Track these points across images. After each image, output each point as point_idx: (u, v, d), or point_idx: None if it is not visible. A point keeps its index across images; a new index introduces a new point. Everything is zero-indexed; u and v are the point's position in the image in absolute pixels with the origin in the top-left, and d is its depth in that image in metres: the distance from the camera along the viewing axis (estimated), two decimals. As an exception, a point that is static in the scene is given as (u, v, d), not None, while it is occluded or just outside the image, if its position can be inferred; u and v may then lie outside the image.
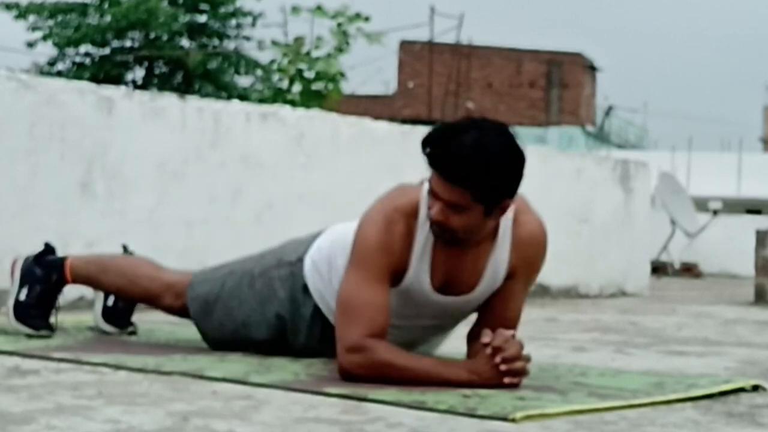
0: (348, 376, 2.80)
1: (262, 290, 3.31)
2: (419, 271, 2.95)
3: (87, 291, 3.93)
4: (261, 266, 3.35)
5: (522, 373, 2.80)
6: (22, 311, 3.59)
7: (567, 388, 2.86)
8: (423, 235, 2.93)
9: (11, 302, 3.61)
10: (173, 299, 3.48)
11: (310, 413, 2.40)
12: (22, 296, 3.60)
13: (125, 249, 3.88)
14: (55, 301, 3.64)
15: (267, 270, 3.33)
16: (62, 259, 3.65)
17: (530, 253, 3.00)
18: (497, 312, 3.03)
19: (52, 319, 3.63)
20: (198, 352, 3.36)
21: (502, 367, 2.76)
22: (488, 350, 2.78)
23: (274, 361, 3.20)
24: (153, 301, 3.55)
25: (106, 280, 3.61)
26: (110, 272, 3.61)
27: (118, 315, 3.80)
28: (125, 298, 3.69)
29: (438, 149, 2.85)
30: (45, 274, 3.61)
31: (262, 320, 3.30)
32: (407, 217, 2.93)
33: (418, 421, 2.35)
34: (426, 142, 2.88)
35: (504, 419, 2.38)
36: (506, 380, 2.76)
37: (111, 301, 3.78)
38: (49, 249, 3.68)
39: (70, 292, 4.01)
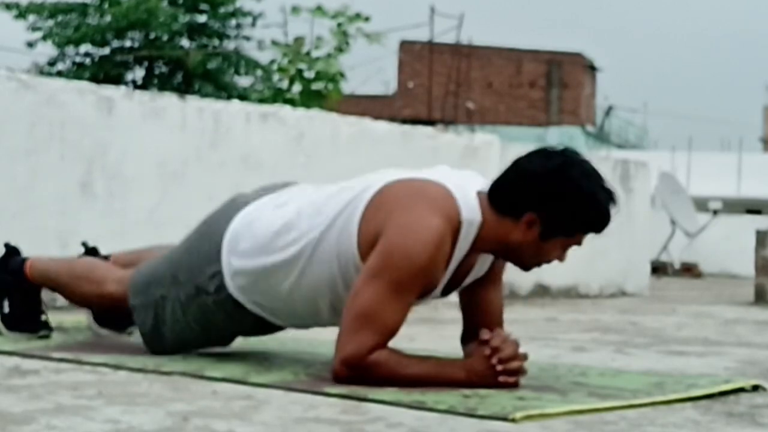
0: (341, 382, 2.76)
1: (198, 318, 3.16)
2: (443, 282, 2.92)
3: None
4: (184, 293, 3.16)
5: (518, 372, 2.80)
6: (12, 322, 3.55)
7: (567, 388, 2.86)
8: (461, 253, 2.86)
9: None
10: (116, 284, 3.34)
11: (310, 413, 2.40)
12: (6, 308, 3.55)
13: (85, 246, 3.77)
14: (38, 300, 3.57)
15: (190, 298, 3.15)
16: (22, 261, 3.57)
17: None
18: (482, 307, 3.03)
19: (43, 317, 3.59)
20: (198, 352, 3.36)
21: (499, 367, 2.76)
22: (486, 350, 2.78)
23: (274, 361, 3.20)
24: (95, 292, 3.39)
25: (56, 276, 3.50)
26: (63, 268, 3.53)
27: (113, 317, 3.74)
28: (74, 297, 3.54)
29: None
30: (15, 280, 3.54)
31: (213, 336, 3.24)
32: (454, 236, 2.81)
33: (418, 421, 2.35)
34: (606, 219, 2.89)
35: (504, 419, 2.38)
36: (501, 379, 2.76)
37: None
38: (10, 250, 3.61)
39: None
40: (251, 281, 3.05)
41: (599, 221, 2.87)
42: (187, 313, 3.16)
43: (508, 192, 2.86)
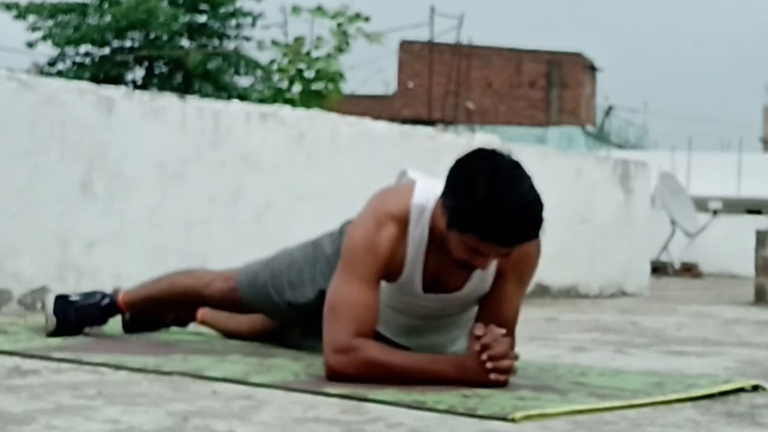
0: (335, 375, 2.80)
1: (312, 251, 3.37)
2: (413, 274, 3.00)
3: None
4: (312, 240, 3.42)
5: (508, 371, 2.80)
6: (63, 303, 3.64)
7: (567, 388, 2.86)
8: (415, 241, 2.96)
9: (56, 294, 3.68)
10: (223, 282, 3.51)
11: (310, 413, 2.40)
12: (74, 297, 3.68)
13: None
14: (91, 320, 3.67)
15: (317, 238, 3.41)
16: (117, 291, 3.75)
17: (524, 253, 2.95)
18: (493, 313, 3.02)
19: (86, 330, 3.68)
20: (198, 352, 3.36)
21: (488, 365, 2.78)
22: (476, 347, 2.79)
23: (274, 361, 3.20)
24: (202, 290, 3.54)
25: (154, 292, 3.65)
26: (158, 283, 3.67)
27: (140, 325, 3.83)
28: (175, 300, 3.66)
29: (527, 230, 2.78)
30: (101, 297, 3.69)
31: (309, 280, 3.34)
32: (398, 223, 2.95)
33: (418, 421, 2.35)
34: (530, 231, 2.78)
35: (504, 419, 2.38)
36: (492, 377, 2.77)
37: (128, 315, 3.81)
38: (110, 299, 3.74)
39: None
40: None
41: (487, 228, 2.72)
42: (305, 248, 3.41)
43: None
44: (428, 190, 2.97)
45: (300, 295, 3.34)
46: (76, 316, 3.64)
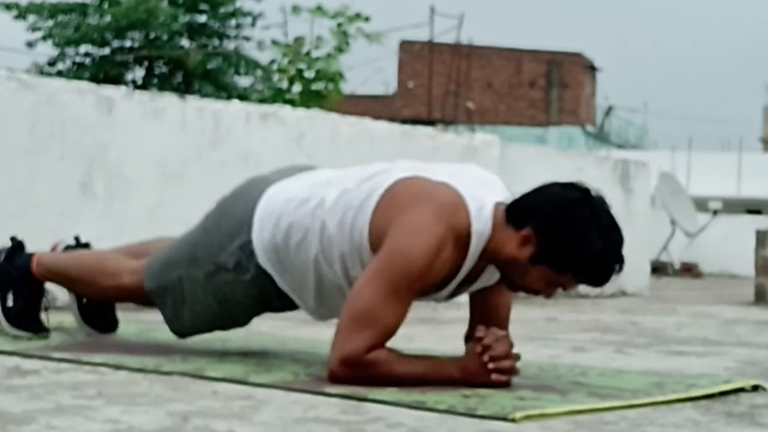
0: (337, 381, 2.77)
1: (217, 296, 3.18)
2: (448, 288, 2.94)
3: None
4: (202, 271, 3.18)
5: (510, 371, 2.80)
6: (15, 318, 3.53)
7: (567, 388, 2.86)
8: (467, 267, 2.87)
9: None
10: (129, 276, 3.36)
11: (310, 413, 2.40)
12: (9, 302, 3.54)
13: (77, 241, 3.76)
14: (41, 300, 3.57)
15: (209, 276, 3.17)
16: (29, 257, 3.57)
17: None
18: (489, 310, 3.03)
19: (42, 317, 3.57)
20: (198, 352, 3.36)
21: (490, 366, 2.78)
22: (478, 348, 2.80)
23: (274, 361, 3.20)
24: (107, 280, 3.40)
25: (66, 270, 3.51)
26: (72, 262, 3.53)
27: (98, 317, 3.71)
28: (84, 287, 3.53)
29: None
30: (21, 275, 3.54)
31: (232, 314, 3.24)
32: (460, 246, 2.81)
33: (418, 421, 2.35)
34: (598, 275, 2.83)
35: (504, 419, 2.38)
36: (493, 377, 2.77)
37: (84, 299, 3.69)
38: (16, 245, 3.61)
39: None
40: (281, 254, 3.06)
41: (590, 273, 2.82)
42: (206, 291, 3.19)
43: (520, 203, 2.87)
44: (480, 211, 2.85)
45: (218, 255, 3.16)
46: (31, 314, 3.53)
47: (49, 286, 3.64)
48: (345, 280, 2.98)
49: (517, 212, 2.84)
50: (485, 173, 3.08)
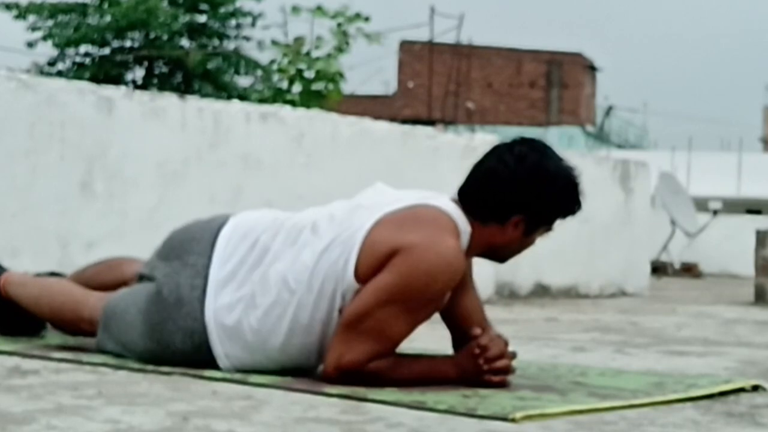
0: (333, 383, 2.75)
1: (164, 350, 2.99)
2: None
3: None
4: (153, 341, 2.99)
5: (506, 371, 2.81)
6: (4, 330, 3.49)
7: (567, 388, 2.86)
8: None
9: None
10: (90, 309, 3.24)
11: (310, 413, 2.40)
12: None
13: (54, 274, 3.69)
14: (16, 308, 3.46)
15: (159, 346, 2.99)
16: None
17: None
18: (466, 311, 3.02)
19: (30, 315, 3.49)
20: (198, 352, 3.36)
21: (485, 366, 2.80)
22: (475, 349, 2.81)
23: (274, 361, 3.20)
24: (73, 318, 3.28)
25: (40, 304, 3.39)
26: (42, 297, 3.40)
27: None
28: (50, 319, 3.42)
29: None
30: None
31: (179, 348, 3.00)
32: (460, 275, 2.80)
33: (418, 421, 2.35)
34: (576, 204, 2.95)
35: (504, 419, 2.38)
36: (487, 378, 2.79)
37: None
38: None
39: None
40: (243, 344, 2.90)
41: (577, 204, 2.95)
42: (152, 351, 3.00)
43: (488, 201, 2.86)
44: (457, 215, 2.85)
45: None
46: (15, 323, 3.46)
47: None
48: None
49: (492, 209, 2.87)
50: (402, 192, 2.98)
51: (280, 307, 2.84)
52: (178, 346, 2.94)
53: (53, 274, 3.73)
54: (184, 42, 22.71)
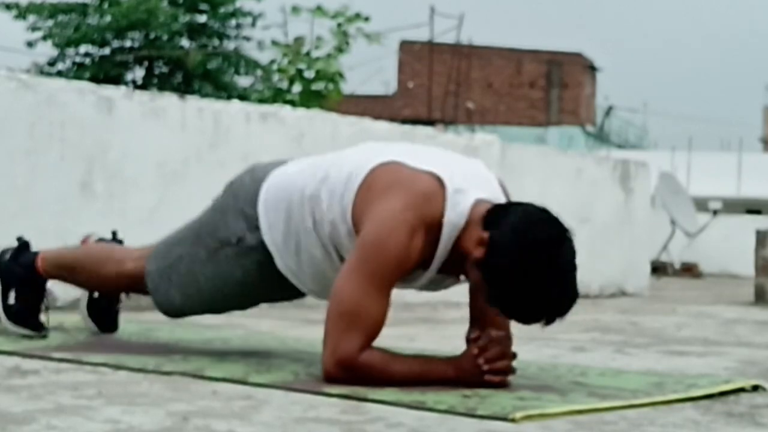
0: (333, 381, 2.77)
1: (214, 276, 3.20)
2: (423, 275, 2.93)
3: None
4: (205, 248, 3.22)
5: (505, 372, 2.81)
6: (16, 315, 3.54)
7: (567, 388, 2.86)
8: (439, 258, 2.86)
9: (0, 306, 3.55)
10: (133, 262, 3.39)
11: (310, 413, 2.40)
12: (11, 299, 3.54)
13: (114, 235, 3.81)
14: (42, 299, 3.58)
15: (211, 253, 3.21)
16: (34, 255, 3.58)
17: None
18: (487, 310, 3.02)
19: (42, 318, 3.57)
20: (198, 352, 3.36)
21: (485, 367, 2.79)
22: (473, 350, 2.81)
23: (274, 361, 3.20)
24: (114, 267, 3.42)
25: (72, 260, 3.53)
26: (78, 253, 3.56)
27: (101, 315, 3.76)
28: (90, 281, 3.56)
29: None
30: (25, 272, 3.55)
31: (224, 297, 3.24)
32: (430, 235, 2.80)
33: (418, 421, 2.35)
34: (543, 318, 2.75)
35: (504, 419, 2.38)
36: (487, 378, 2.78)
37: (96, 294, 3.74)
38: (22, 245, 3.62)
39: (70, 291, 4.01)
40: (283, 230, 3.09)
41: (511, 310, 2.75)
42: (205, 271, 3.21)
43: (501, 210, 2.82)
44: (458, 202, 2.83)
45: (226, 232, 3.19)
46: (33, 312, 3.55)
47: (51, 285, 3.64)
48: (338, 261, 3.00)
49: (493, 216, 2.80)
50: (485, 171, 3.05)
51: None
52: (231, 230, 3.17)
53: (117, 240, 3.80)
54: (184, 42, 22.71)
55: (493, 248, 2.72)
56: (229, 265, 3.18)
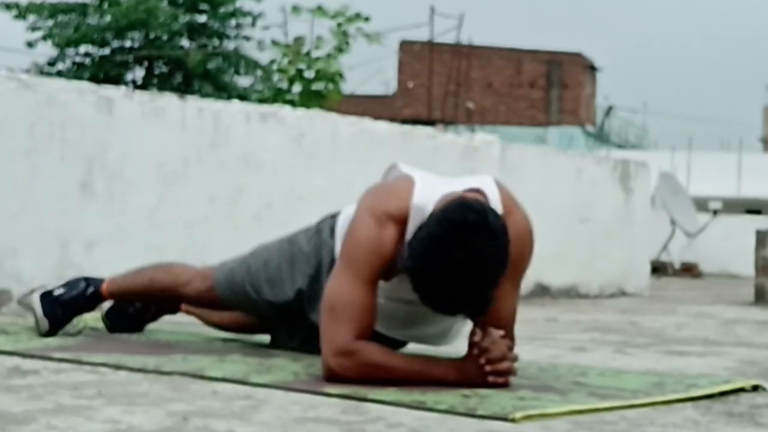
0: (335, 378, 2.78)
1: (288, 248, 3.38)
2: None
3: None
4: (288, 236, 3.45)
5: (507, 373, 2.81)
6: (49, 301, 3.64)
7: (567, 388, 2.86)
8: (412, 232, 2.87)
9: (41, 291, 3.66)
10: (200, 281, 3.51)
11: (310, 413, 2.40)
12: (57, 291, 3.66)
13: None
14: (79, 311, 3.67)
15: (293, 234, 3.44)
16: (102, 279, 3.71)
17: (517, 253, 2.88)
18: (490, 313, 3.02)
19: (75, 323, 3.67)
20: (198, 352, 3.36)
21: (487, 368, 2.80)
22: (475, 351, 2.81)
23: (274, 361, 3.20)
24: (180, 289, 3.55)
25: (135, 286, 3.65)
26: (138, 277, 3.67)
27: (124, 323, 3.86)
28: (155, 296, 3.68)
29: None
30: (85, 285, 3.68)
31: (288, 278, 3.35)
32: (398, 224, 2.89)
33: (418, 421, 2.35)
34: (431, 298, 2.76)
35: (504, 419, 2.38)
36: (490, 379, 2.79)
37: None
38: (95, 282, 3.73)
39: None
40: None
41: (425, 290, 2.73)
42: (281, 247, 3.43)
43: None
44: (428, 189, 2.92)
45: (279, 294, 3.36)
46: (63, 311, 3.64)
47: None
48: None
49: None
50: (487, 183, 3.02)
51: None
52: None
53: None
54: (184, 42, 22.71)
55: (418, 230, 2.77)
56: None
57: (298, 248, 3.36)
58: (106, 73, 21.53)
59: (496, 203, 2.92)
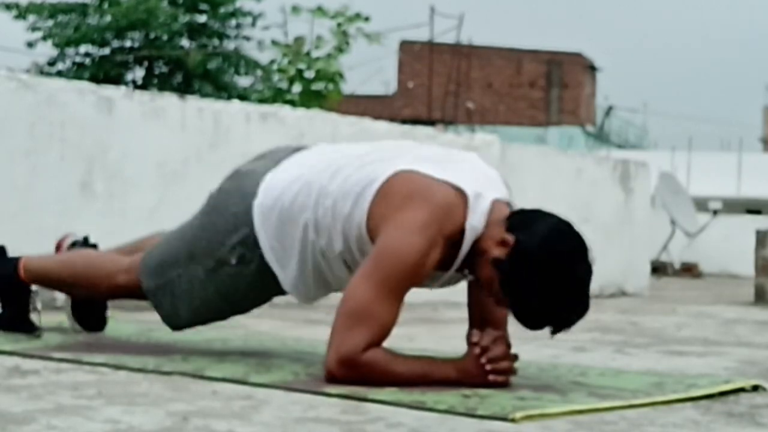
0: (335, 382, 2.77)
1: (220, 290, 3.19)
2: (443, 279, 2.97)
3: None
4: (203, 268, 3.20)
5: (508, 372, 2.81)
6: (7, 323, 3.55)
7: (567, 388, 2.86)
8: (458, 262, 2.88)
9: None
10: (125, 275, 3.36)
11: (310, 413, 2.40)
12: None
13: (86, 240, 3.81)
14: (27, 302, 3.55)
15: (210, 272, 3.19)
16: (14, 263, 3.57)
17: None
18: (488, 309, 3.03)
19: (34, 318, 3.56)
20: (198, 352, 3.36)
21: (488, 367, 2.79)
22: (475, 350, 2.81)
23: (274, 361, 3.20)
24: (103, 281, 3.40)
25: (58, 275, 3.51)
26: (63, 266, 3.54)
27: (88, 315, 3.74)
28: (78, 290, 3.54)
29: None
30: (8, 283, 3.54)
31: (234, 306, 3.26)
32: (451, 245, 2.83)
33: (418, 421, 2.35)
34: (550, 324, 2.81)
35: (504, 419, 2.38)
36: (491, 378, 2.78)
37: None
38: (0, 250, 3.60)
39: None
40: (284, 245, 3.10)
41: (521, 316, 2.80)
42: (207, 286, 3.20)
43: (526, 217, 2.86)
44: (477, 207, 2.86)
45: (219, 255, 3.18)
46: (23, 317, 3.53)
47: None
48: (345, 270, 3.02)
49: (518, 220, 2.84)
50: (485, 166, 3.07)
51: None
52: (228, 250, 3.15)
53: (90, 245, 3.79)
54: (184, 42, 22.71)
55: (519, 253, 2.76)
56: (232, 280, 3.18)
57: (218, 213, 3.27)
58: (106, 73, 21.53)
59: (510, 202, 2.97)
